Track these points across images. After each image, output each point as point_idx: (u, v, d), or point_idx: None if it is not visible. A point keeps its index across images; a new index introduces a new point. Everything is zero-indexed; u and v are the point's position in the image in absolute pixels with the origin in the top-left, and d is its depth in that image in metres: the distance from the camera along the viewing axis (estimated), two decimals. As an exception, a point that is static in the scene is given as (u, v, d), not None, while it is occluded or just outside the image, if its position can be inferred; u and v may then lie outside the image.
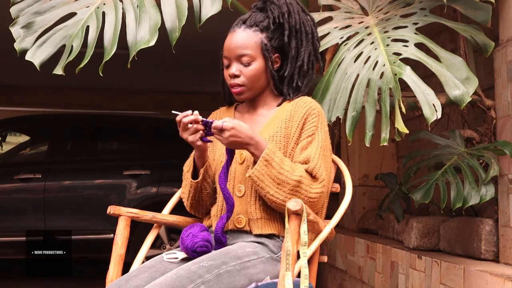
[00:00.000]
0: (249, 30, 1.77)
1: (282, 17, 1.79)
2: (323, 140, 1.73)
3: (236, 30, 1.78)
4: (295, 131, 1.73)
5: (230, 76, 1.78)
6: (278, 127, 1.75)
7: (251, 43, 1.76)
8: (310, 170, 1.67)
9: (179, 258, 1.69)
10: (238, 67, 1.76)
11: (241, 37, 1.76)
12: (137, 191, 5.15)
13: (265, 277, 1.63)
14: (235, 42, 1.76)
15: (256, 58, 1.76)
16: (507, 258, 2.33)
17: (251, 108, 1.86)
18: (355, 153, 4.41)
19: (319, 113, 1.77)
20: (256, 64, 1.76)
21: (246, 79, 1.76)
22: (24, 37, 2.09)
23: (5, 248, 5.04)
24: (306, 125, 1.74)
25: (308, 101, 1.79)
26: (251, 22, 1.78)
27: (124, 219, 1.82)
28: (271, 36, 1.78)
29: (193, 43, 4.98)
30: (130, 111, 8.57)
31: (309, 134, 1.73)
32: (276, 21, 1.78)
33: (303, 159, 1.69)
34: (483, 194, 2.26)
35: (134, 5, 2.14)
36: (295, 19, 1.81)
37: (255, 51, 1.76)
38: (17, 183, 5.10)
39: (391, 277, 3.04)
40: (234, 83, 1.77)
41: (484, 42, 2.21)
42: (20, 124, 6.04)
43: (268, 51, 1.77)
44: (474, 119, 2.94)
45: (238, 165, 1.77)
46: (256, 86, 1.79)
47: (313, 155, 1.69)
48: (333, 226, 1.74)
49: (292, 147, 1.73)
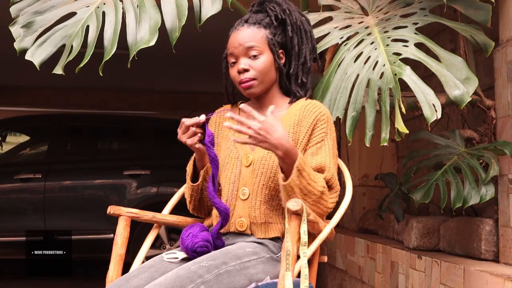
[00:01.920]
0: (253, 27, 1.78)
1: (284, 13, 1.81)
2: (332, 147, 1.74)
3: (240, 28, 1.79)
4: (304, 136, 1.73)
5: (239, 72, 1.76)
6: (286, 132, 1.74)
7: (257, 37, 1.76)
8: (327, 179, 1.67)
9: (179, 258, 1.69)
10: (247, 62, 1.76)
11: (247, 32, 1.77)
12: (137, 191, 5.15)
13: (265, 277, 1.63)
14: (242, 37, 1.76)
15: (263, 51, 1.76)
16: (507, 258, 2.33)
17: (258, 110, 1.81)
18: (355, 153, 4.41)
19: (328, 119, 1.77)
20: (264, 57, 1.76)
21: (257, 71, 1.75)
22: (24, 37, 2.09)
23: (5, 248, 5.04)
24: (316, 131, 1.73)
25: (317, 106, 1.78)
26: (253, 20, 1.79)
27: (124, 219, 1.82)
28: (274, 32, 1.79)
29: (194, 43, 4.98)
30: (130, 111, 8.57)
31: (318, 141, 1.72)
32: (278, 18, 1.80)
33: (316, 165, 1.68)
34: (483, 194, 2.26)
35: (134, 5, 2.14)
36: (295, 16, 1.83)
37: (262, 44, 1.76)
38: (17, 183, 5.10)
39: (391, 277, 3.04)
40: (245, 78, 1.75)
41: (484, 42, 2.21)
42: (20, 124, 6.03)
43: (275, 45, 1.78)
44: (474, 119, 2.94)
45: (244, 168, 1.76)
46: (266, 79, 1.78)
47: (328, 164, 1.69)
48: (333, 226, 1.74)
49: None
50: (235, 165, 1.77)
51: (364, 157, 4.41)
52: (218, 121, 1.91)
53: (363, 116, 2.11)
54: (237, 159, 1.77)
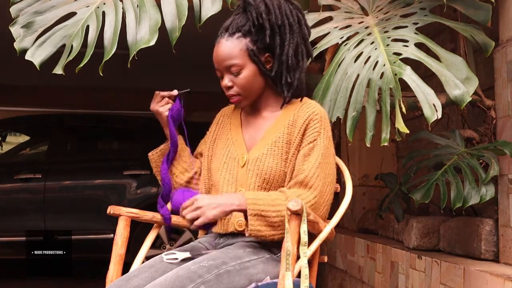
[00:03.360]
0: (232, 38, 1.72)
1: (261, 16, 1.73)
2: (325, 147, 1.71)
3: (220, 41, 1.74)
4: (296, 136, 1.72)
5: (224, 88, 1.77)
6: (281, 133, 1.74)
7: (235, 52, 1.72)
8: (301, 180, 1.65)
9: (179, 259, 1.69)
10: (230, 78, 1.74)
11: (226, 48, 1.72)
12: (137, 191, 5.15)
13: (265, 277, 1.63)
14: (221, 54, 1.73)
15: (245, 66, 1.72)
16: (507, 258, 2.33)
17: (255, 111, 1.84)
18: (355, 153, 4.41)
19: (322, 118, 1.74)
20: (246, 71, 1.73)
21: (239, 88, 1.74)
22: (24, 37, 2.09)
23: (5, 248, 5.04)
24: (308, 131, 1.71)
25: (312, 105, 1.76)
26: (233, 29, 1.74)
27: (124, 219, 1.82)
28: (255, 39, 1.73)
29: (194, 42, 4.98)
30: (131, 111, 8.57)
31: (311, 141, 1.70)
32: (255, 23, 1.73)
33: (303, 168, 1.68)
34: (483, 194, 2.26)
35: (134, 5, 2.14)
36: (275, 15, 1.74)
37: (243, 59, 1.72)
38: (17, 183, 5.10)
39: (391, 277, 3.04)
40: (230, 94, 1.76)
41: (484, 42, 2.21)
42: (20, 124, 6.03)
43: (256, 55, 1.73)
44: (474, 119, 2.94)
45: (240, 169, 1.76)
46: (252, 92, 1.76)
47: (311, 165, 1.67)
48: (333, 226, 1.73)
49: (292, 153, 1.71)
50: (233, 165, 1.77)
51: (364, 157, 4.41)
52: (220, 120, 1.92)
53: (363, 116, 2.11)
54: (234, 159, 1.78)
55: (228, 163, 1.78)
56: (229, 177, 1.76)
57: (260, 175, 1.71)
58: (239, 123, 1.86)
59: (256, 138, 1.80)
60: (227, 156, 1.79)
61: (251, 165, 1.73)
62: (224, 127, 1.89)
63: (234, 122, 1.87)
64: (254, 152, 1.75)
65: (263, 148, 1.74)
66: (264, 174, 1.71)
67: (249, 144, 1.80)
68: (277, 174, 1.71)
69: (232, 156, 1.79)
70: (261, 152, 1.73)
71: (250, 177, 1.72)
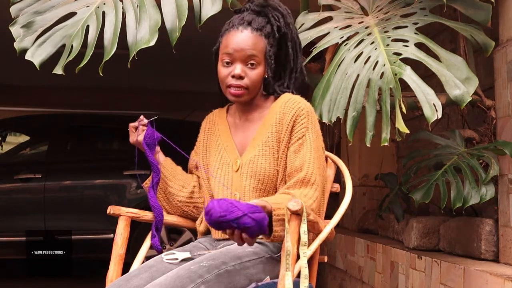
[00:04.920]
0: (256, 33, 1.72)
1: (287, 27, 1.76)
2: (314, 141, 1.71)
3: (243, 30, 1.72)
4: (285, 133, 1.72)
5: (232, 76, 1.72)
6: (269, 132, 1.74)
7: (259, 47, 1.72)
8: (302, 177, 1.65)
9: (179, 259, 1.69)
10: (243, 68, 1.71)
11: (251, 39, 1.71)
12: (137, 191, 5.15)
13: (265, 277, 1.63)
14: (246, 42, 1.71)
15: (261, 63, 1.73)
16: (507, 258, 2.33)
17: (242, 114, 1.83)
18: (355, 153, 4.41)
19: (308, 113, 1.74)
20: (259, 69, 1.73)
21: (250, 81, 1.72)
22: (24, 37, 2.09)
23: (5, 248, 5.04)
24: (296, 127, 1.71)
25: (296, 101, 1.75)
26: (256, 26, 1.73)
27: (124, 219, 1.82)
28: (271, 43, 1.75)
29: (194, 42, 4.98)
30: (131, 111, 8.57)
31: (300, 136, 1.70)
32: (281, 31, 1.75)
33: (300, 164, 1.68)
34: (483, 194, 2.26)
35: (134, 5, 2.14)
36: (294, 30, 1.80)
37: (261, 55, 1.72)
38: (17, 183, 5.10)
39: (391, 277, 3.04)
40: (237, 84, 1.71)
41: (484, 42, 2.21)
42: (20, 124, 6.04)
43: (271, 58, 1.74)
44: (474, 119, 2.94)
45: (234, 173, 1.76)
46: (255, 90, 1.76)
47: (307, 161, 1.67)
48: (333, 226, 1.73)
49: (282, 151, 1.72)
50: (227, 171, 1.77)
51: (364, 157, 4.41)
52: (207, 127, 1.92)
53: (363, 116, 2.11)
54: (228, 164, 1.78)
55: (221, 169, 1.78)
56: (224, 182, 1.76)
57: (255, 177, 1.72)
58: (228, 128, 1.85)
59: (246, 141, 1.80)
60: (220, 161, 1.80)
61: (244, 168, 1.73)
62: (213, 134, 1.88)
63: (222, 128, 1.86)
64: (247, 155, 1.76)
65: (254, 150, 1.74)
66: (258, 175, 1.72)
67: (240, 148, 1.80)
68: (270, 174, 1.71)
69: (225, 161, 1.79)
70: (253, 154, 1.74)
71: (244, 179, 1.73)
